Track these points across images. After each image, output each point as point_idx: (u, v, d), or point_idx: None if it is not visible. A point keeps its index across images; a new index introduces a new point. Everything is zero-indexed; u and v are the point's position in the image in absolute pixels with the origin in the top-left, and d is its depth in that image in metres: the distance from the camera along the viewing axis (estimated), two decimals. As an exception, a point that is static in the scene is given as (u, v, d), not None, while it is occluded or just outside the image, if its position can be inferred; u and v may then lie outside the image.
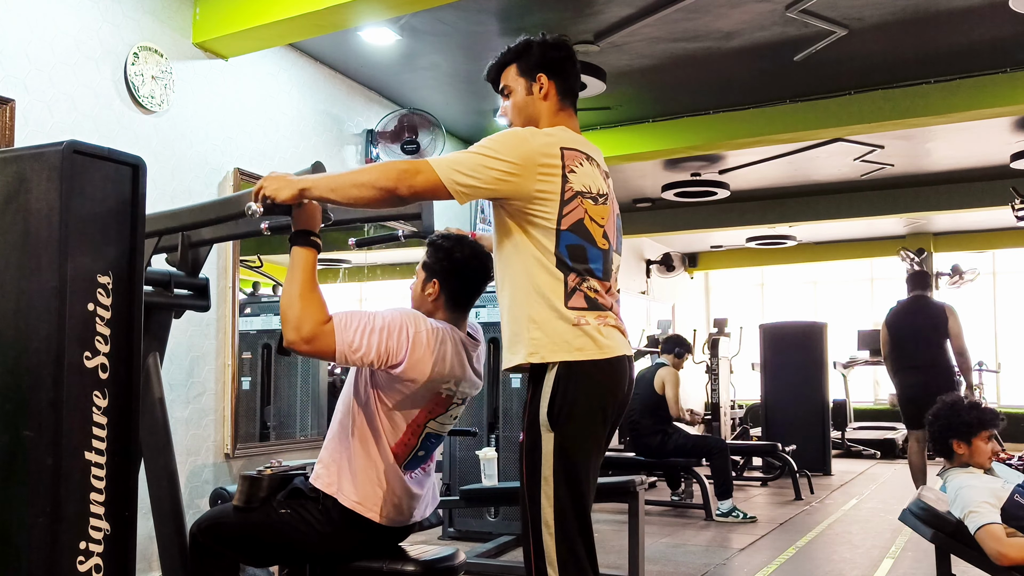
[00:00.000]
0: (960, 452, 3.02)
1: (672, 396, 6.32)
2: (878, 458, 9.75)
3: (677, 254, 12.02)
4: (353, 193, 1.99)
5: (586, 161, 2.11)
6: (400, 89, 5.66)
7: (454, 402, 2.30)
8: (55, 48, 3.59)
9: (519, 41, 2.24)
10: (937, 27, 4.77)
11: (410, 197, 2.01)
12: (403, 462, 2.25)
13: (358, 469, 2.21)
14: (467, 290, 2.35)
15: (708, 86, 5.75)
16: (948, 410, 3.10)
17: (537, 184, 2.01)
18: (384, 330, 2.12)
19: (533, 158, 2.01)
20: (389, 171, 1.98)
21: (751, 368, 9.85)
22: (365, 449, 2.22)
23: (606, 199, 2.13)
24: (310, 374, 5.15)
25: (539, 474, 1.99)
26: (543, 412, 2.00)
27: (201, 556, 2.32)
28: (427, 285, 2.34)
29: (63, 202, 1.75)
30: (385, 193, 1.97)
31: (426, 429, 2.27)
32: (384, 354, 2.12)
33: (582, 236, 2.05)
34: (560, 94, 2.21)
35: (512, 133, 2.08)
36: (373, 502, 2.21)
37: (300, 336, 2.06)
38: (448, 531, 5.20)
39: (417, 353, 2.15)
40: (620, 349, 2.09)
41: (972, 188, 8.53)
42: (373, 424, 2.22)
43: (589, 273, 2.05)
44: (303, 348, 2.07)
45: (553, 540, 1.97)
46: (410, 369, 2.15)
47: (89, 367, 1.79)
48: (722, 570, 4.50)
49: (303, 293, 2.07)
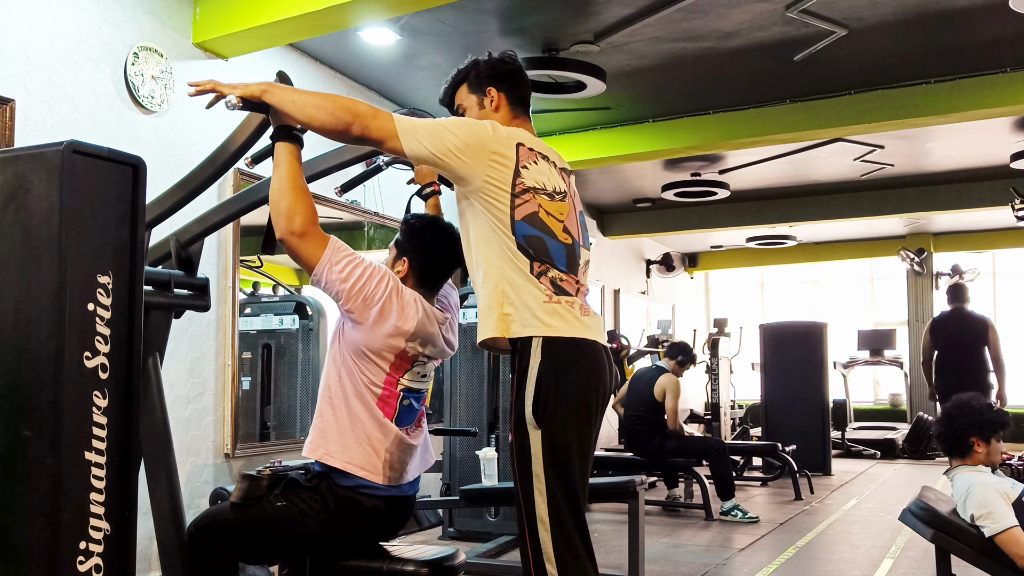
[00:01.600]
0: (979, 450, 3.02)
1: (671, 407, 6.27)
2: (878, 458, 9.74)
3: (677, 254, 12.02)
4: (311, 112, 2.04)
5: (542, 160, 2.15)
6: (400, 89, 5.66)
7: (419, 360, 2.35)
8: (55, 48, 3.59)
9: (467, 62, 2.33)
10: (937, 27, 4.77)
11: (359, 137, 2.05)
12: (392, 417, 2.31)
13: (344, 428, 2.26)
14: (435, 271, 2.42)
15: (708, 86, 5.75)
16: (973, 408, 3.09)
17: (487, 171, 2.06)
18: (368, 271, 2.23)
19: (486, 144, 2.06)
20: (351, 106, 2.03)
21: (751, 368, 9.85)
22: (349, 407, 2.27)
23: (564, 196, 2.17)
24: (310, 374, 5.14)
25: (530, 472, 2.01)
26: (528, 410, 2.01)
27: (199, 555, 2.32)
28: (397, 263, 2.41)
29: (63, 202, 1.75)
30: (339, 124, 2.02)
31: (400, 384, 2.33)
32: (358, 293, 2.20)
33: (539, 228, 2.08)
34: (511, 103, 2.28)
35: (473, 120, 2.15)
36: (364, 460, 2.25)
37: (292, 228, 2.12)
38: (448, 531, 5.20)
39: (388, 304, 2.23)
40: (595, 335, 2.12)
41: (972, 188, 8.54)
42: (356, 385, 2.28)
43: (551, 265, 2.09)
44: (293, 242, 2.13)
45: (549, 536, 1.98)
46: (380, 318, 2.22)
47: (89, 367, 1.79)
48: (722, 570, 4.50)
49: (292, 186, 2.12)
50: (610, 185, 8.70)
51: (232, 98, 2.06)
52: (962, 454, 3.07)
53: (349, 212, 5.40)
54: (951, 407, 3.17)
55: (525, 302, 2.05)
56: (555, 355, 2.03)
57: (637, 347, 9.14)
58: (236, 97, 2.05)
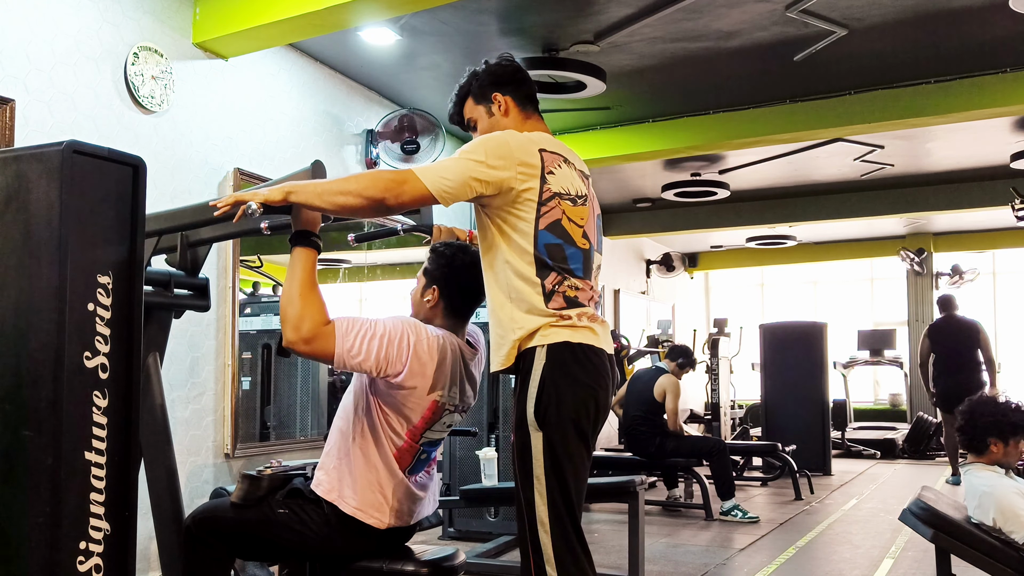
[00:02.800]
0: (995, 450, 3.00)
1: (672, 408, 6.28)
2: (878, 458, 9.74)
3: (677, 254, 12.02)
4: (339, 200, 2.00)
5: (564, 164, 2.15)
6: (400, 89, 5.66)
7: (447, 409, 2.30)
8: (55, 48, 3.59)
9: (466, 75, 2.33)
10: (937, 27, 4.77)
11: (397, 207, 2.04)
12: (407, 467, 2.26)
13: (359, 476, 2.21)
14: (466, 298, 2.36)
15: (708, 86, 5.75)
16: (995, 408, 3.07)
17: (515, 184, 2.05)
18: (384, 337, 2.13)
19: (514, 158, 2.05)
20: (377, 181, 2.00)
21: (751, 368, 9.85)
22: (366, 455, 2.22)
23: (585, 200, 2.17)
24: (310, 374, 5.14)
25: (531, 474, 2.01)
26: (530, 412, 2.02)
27: (194, 547, 2.32)
28: (426, 291, 2.35)
29: (63, 202, 1.75)
30: (372, 203, 2.00)
31: (424, 436, 2.28)
32: (383, 361, 2.13)
33: (560, 236, 2.08)
34: (519, 104, 2.27)
35: (492, 136, 2.12)
36: (375, 508, 2.21)
37: (299, 336, 2.06)
38: (448, 531, 5.20)
39: (417, 361, 2.16)
40: (601, 342, 2.12)
41: (972, 188, 8.53)
42: (375, 431, 2.22)
43: (569, 272, 2.09)
44: (302, 348, 2.08)
45: (550, 538, 1.98)
46: (409, 377, 2.16)
47: (89, 367, 1.79)
48: (722, 570, 4.50)
49: (303, 293, 2.08)
50: (610, 185, 8.70)
51: (252, 205, 2.00)
52: (979, 451, 3.05)
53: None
54: (976, 403, 3.14)
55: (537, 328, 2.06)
56: (559, 358, 2.04)
57: (637, 347, 9.13)
58: (257, 204, 2.00)
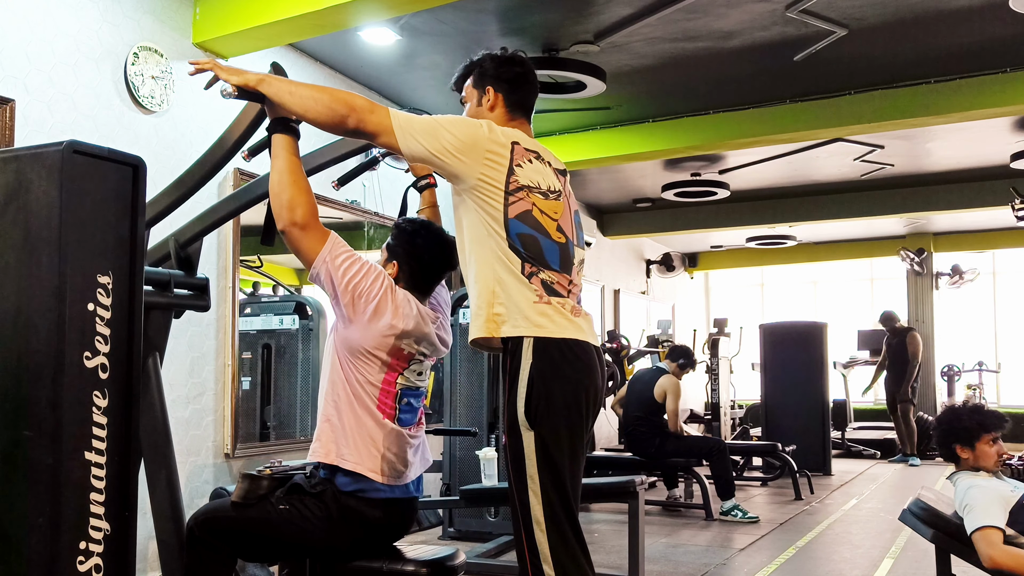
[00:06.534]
0: (964, 456, 3.01)
1: (672, 409, 6.27)
2: (878, 458, 9.74)
3: (677, 254, 12.02)
4: (307, 104, 2.05)
5: (536, 159, 2.16)
6: (400, 89, 5.66)
7: (416, 358, 2.36)
8: (55, 48, 3.59)
9: (479, 55, 2.33)
10: (937, 27, 4.77)
11: (355, 130, 2.06)
12: (393, 417, 2.31)
13: (350, 432, 2.26)
14: (426, 275, 2.44)
15: (708, 86, 5.75)
16: (949, 415, 3.10)
17: (482, 169, 2.06)
18: (365, 268, 2.24)
19: (481, 143, 2.07)
20: (348, 99, 2.05)
21: (751, 368, 9.85)
22: (353, 412, 2.27)
23: (559, 195, 2.17)
24: (310, 374, 5.14)
25: (525, 474, 2.01)
26: (520, 412, 2.02)
27: (197, 548, 2.32)
28: (388, 265, 2.43)
29: (63, 202, 1.75)
30: (336, 116, 2.03)
31: (398, 383, 2.34)
32: (354, 287, 2.21)
33: (532, 227, 2.09)
34: (508, 107, 2.27)
35: (469, 119, 2.17)
36: (371, 461, 2.25)
37: (294, 219, 2.14)
38: (448, 531, 5.20)
39: (384, 301, 2.25)
40: (586, 335, 2.12)
41: (972, 188, 8.53)
42: (353, 388, 2.28)
43: (543, 264, 2.09)
44: (294, 233, 2.15)
45: (546, 536, 1.99)
46: (376, 313, 2.23)
47: (89, 367, 1.79)
48: (722, 570, 4.50)
49: (293, 179, 2.14)
50: (610, 185, 8.70)
51: (227, 86, 2.05)
52: (954, 460, 3.08)
53: (349, 212, 5.40)
54: (940, 413, 3.21)
55: (515, 302, 2.05)
56: (546, 356, 2.03)
57: (637, 347, 9.13)
58: (232, 86, 2.05)
